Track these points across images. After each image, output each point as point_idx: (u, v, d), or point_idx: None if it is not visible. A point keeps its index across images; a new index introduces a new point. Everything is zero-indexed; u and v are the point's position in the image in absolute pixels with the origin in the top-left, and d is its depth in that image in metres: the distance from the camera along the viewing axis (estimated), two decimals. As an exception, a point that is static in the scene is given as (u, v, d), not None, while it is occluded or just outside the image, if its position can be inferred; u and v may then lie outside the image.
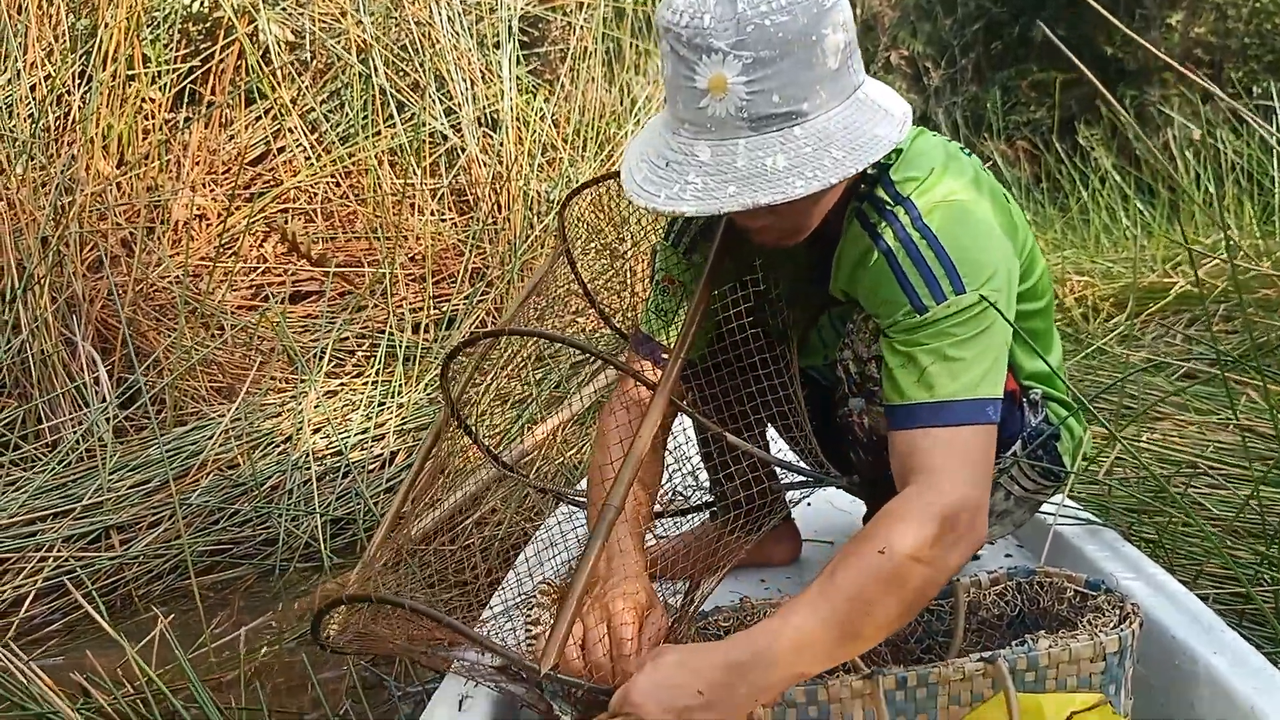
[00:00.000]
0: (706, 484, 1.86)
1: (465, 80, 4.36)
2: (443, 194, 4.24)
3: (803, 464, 1.72)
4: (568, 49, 4.83)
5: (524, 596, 1.55)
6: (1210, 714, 1.26)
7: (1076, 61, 1.80)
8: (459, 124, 4.30)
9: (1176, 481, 2.06)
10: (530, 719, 1.40)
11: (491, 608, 1.54)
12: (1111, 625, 1.24)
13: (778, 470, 1.69)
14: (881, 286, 1.33)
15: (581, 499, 1.87)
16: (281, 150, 4.18)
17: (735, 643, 1.15)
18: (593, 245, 2.30)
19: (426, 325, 3.70)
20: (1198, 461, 2.15)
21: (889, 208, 1.33)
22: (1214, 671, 1.27)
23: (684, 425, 1.76)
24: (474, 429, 1.71)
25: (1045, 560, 1.60)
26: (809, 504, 2.00)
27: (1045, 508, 1.73)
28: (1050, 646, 1.21)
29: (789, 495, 1.75)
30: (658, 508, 1.78)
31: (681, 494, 1.88)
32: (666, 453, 1.61)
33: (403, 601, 1.24)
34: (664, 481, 1.64)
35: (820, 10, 1.17)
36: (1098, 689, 1.21)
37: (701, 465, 1.81)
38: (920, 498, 1.21)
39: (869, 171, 1.33)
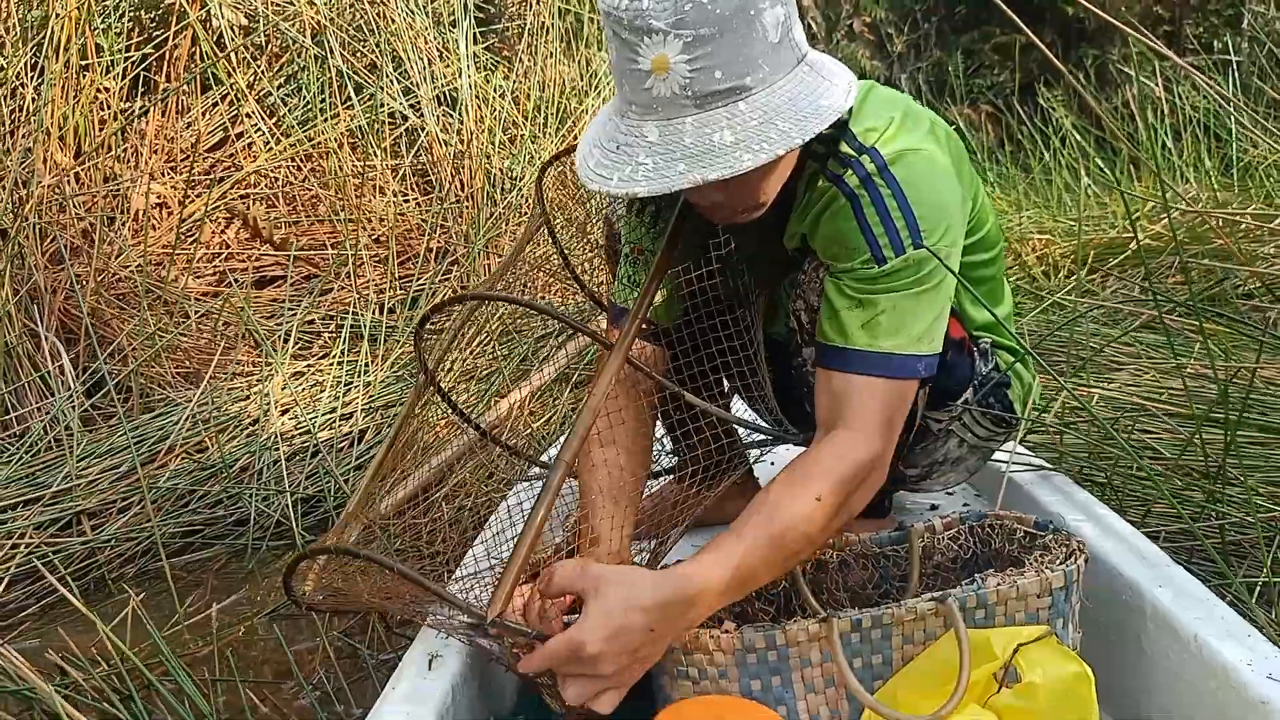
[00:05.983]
0: (670, 448, 1.89)
1: (422, 59, 4.34)
2: (404, 174, 4.23)
3: (762, 422, 1.75)
4: (525, 25, 4.82)
5: (495, 560, 1.58)
6: (1155, 645, 1.30)
7: (1026, 30, 1.84)
8: (418, 103, 4.29)
9: (1124, 425, 2.11)
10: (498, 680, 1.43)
11: (464, 566, 1.57)
12: (1058, 562, 1.27)
13: (738, 428, 1.73)
14: (842, 231, 1.36)
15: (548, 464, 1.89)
16: (240, 135, 4.15)
17: (680, 578, 1.17)
18: (558, 221, 2.32)
19: (392, 305, 3.70)
20: (1147, 405, 2.20)
21: (853, 157, 1.36)
22: (1158, 603, 1.30)
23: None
24: (448, 394, 1.73)
25: (999, 505, 1.63)
26: (771, 462, 2.04)
27: (999, 455, 1.77)
28: (999, 584, 1.24)
29: (749, 453, 1.78)
30: None
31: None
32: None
33: (371, 555, 1.26)
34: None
35: None
36: (1045, 624, 1.25)
37: (663, 429, 1.83)
38: (853, 448, 1.31)
39: (827, 132, 1.33)
